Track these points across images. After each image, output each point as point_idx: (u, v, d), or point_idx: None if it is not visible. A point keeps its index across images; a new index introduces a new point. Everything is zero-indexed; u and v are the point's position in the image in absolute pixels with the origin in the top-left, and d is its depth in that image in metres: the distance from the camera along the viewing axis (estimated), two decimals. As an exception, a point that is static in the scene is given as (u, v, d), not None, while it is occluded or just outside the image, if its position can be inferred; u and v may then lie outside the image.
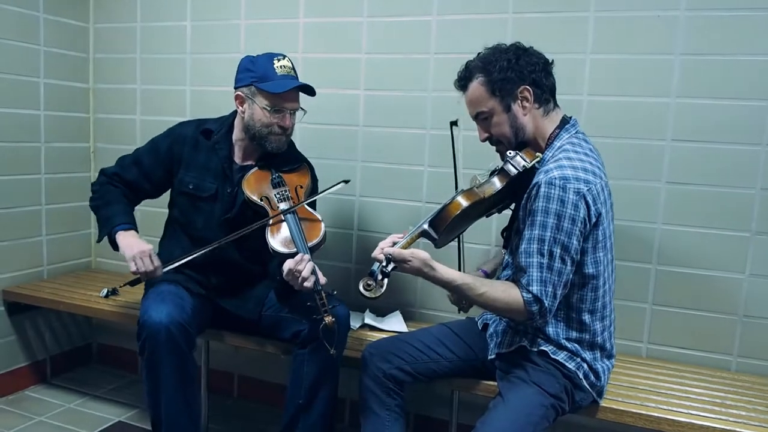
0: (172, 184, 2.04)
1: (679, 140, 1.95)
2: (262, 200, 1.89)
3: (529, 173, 1.54)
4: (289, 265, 1.73)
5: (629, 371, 1.90)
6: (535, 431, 1.46)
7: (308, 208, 1.91)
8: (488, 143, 1.65)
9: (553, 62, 1.60)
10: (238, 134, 1.99)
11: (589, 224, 1.47)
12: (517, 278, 1.50)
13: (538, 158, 1.55)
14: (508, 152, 1.57)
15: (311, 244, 1.80)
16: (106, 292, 2.43)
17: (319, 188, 2.07)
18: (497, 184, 1.56)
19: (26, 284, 2.58)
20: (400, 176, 2.31)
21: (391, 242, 1.55)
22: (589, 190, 1.45)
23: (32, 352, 2.67)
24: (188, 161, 1.99)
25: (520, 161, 1.55)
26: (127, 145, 2.69)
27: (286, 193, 1.92)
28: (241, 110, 1.93)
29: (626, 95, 1.99)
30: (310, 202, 1.92)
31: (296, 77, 1.92)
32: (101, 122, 2.84)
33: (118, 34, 2.74)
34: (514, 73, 1.54)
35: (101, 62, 2.80)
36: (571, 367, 1.55)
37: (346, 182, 1.95)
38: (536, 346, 1.57)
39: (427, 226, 1.56)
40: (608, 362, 1.63)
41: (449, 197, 1.56)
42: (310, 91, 1.91)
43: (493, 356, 1.67)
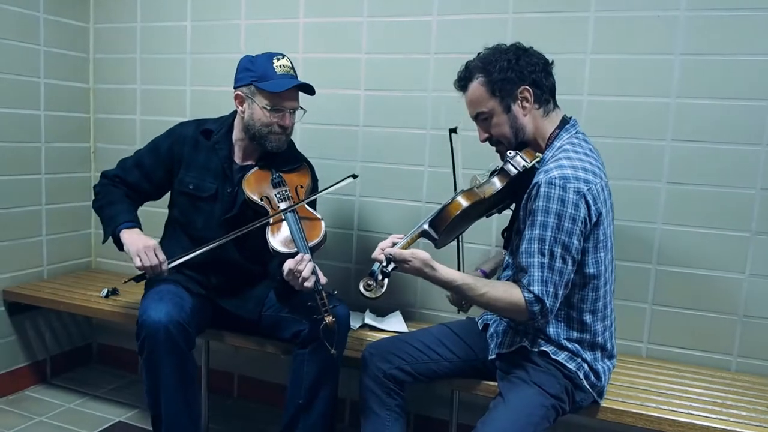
0: (172, 184, 2.04)
1: (679, 140, 1.95)
2: (262, 200, 1.89)
3: (529, 173, 1.54)
4: (289, 265, 1.73)
5: (629, 371, 1.90)
6: (535, 431, 1.46)
7: (308, 207, 1.91)
8: (488, 144, 1.65)
9: (553, 62, 1.60)
10: (238, 134, 1.99)
11: (589, 224, 1.47)
12: (518, 278, 1.49)
13: (538, 158, 1.55)
14: (508, 152, 1.57)
15: (312, 243, 1.80)
16: (106, 292, 2.43)
17: (318, 188, 2.06)
18: (497, 184, 1.56)
19: (26, 284, 2.58)
20: (400, 176, 2.31)
21: (391, 243, 1.55)
22: (589, 189, 1.45)
23: (32, 352, 2.67)
24: (188, 161, 1.99)
25: (520, 161, 1.55)
26: (127, 145, 2.70)
27: (286, 192, 1.92)
28: (240, 110, 1.93)
29: (626, 95, 1.99)
30: (310, 201, 1.92)
31: (296, 76, 1.92)
32: (101, 122, 2.84)
33: (118, 34, 2.74)
34: (514, 73, 1.54)
35: (101, 62, 2.80)
36: (571, 367, 1.55)
37: (354, 177, 1.94)
38: (537, 346, 1.57)
39: (427, 226, 1.55)
40: (609, 362, 1.63)
41: (449, 197, 1.56)
42: (309, 90, 1.91)
43: (493, 356, 1.67)
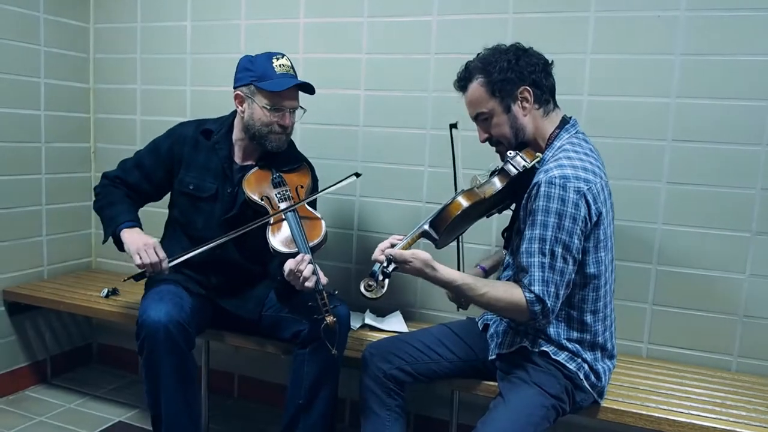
0: (172, 185, 2.04)
1: (679, 140, 1.95)
2: (262, 200, 1.89)
3: (529, 173, 1.54)
4: (290, 265, 1.73)
5: (629, 371, 1.90)
6: (535, 431, 1.46)
7: (309, 207, 1.90)
8: (488, 144, 1.65)
9: (553, 62, 1.61)
10: (238, 134, 1.99)
11: (590, 223, 1.47)
12: (518, 278, 1.49)
13: (538, 158, 1.55)
14: (508, 152, 1.57)
15: (312, 243, 1.80)
16: (106, 292, 2.43)
17: (319, 188, 2.06)
18: (497, 184, 1.56)
19: (26, 284, 2.58)
20: (400, 176, 2.31)
21: (389, 244, 1.55)
22: (589, 189, 1.45)
23: (32, 352, 2.67)
24: (188, 161, 1.99)
25: (520, 161, 1.55)
26: (127, 145, 2.70)
27: (286, 192, 1.92)
28: (240, 110, 1.93)
29: (626, 95, 1.99)
30: (311, 201, 1.92)
31: (295, 76, 1.91)
32: (101, 122, 2.84)
33: (118, 34, 2.74)
34: (514, 73, 1.54)
35: (101, 62, 2.80)
36: (571, 367, 1.55)
37: (357, 175, 1.93)
38: (537, 346, 1.57)
39: (427, 226, 1.55)
40: (609, 363, 1.63)
41: (449, 197, 1.56)
42: (309, 89, 1.91)
43: (493, 357, 1.67)
